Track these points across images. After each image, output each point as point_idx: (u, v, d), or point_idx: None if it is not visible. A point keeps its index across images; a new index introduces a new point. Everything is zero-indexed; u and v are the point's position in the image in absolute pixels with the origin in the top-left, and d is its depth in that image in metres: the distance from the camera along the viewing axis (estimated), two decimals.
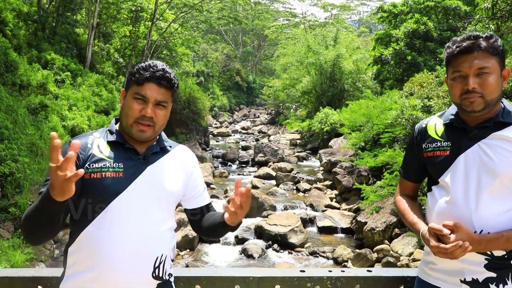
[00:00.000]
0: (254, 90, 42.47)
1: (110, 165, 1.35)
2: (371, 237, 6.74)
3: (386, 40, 14.40)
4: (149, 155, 1.41)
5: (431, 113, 7.55)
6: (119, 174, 1.35)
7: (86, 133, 1.44)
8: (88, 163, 1.33)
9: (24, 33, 11.89)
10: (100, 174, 1.33)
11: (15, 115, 7.31)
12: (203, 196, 1.58)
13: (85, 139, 1.40)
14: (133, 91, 1.38)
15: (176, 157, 1.49)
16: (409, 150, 1.56)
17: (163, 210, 1.42)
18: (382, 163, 6.86)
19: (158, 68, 1.38)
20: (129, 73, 1.43)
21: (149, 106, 1.36)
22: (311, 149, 16.59)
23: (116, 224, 1.32)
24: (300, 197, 10.09)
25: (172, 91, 1.42)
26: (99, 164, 1.34)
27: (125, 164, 1.37)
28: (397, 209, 1.58)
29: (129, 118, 1.37)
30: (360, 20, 62.18)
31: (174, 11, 20.95)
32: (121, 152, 1.39)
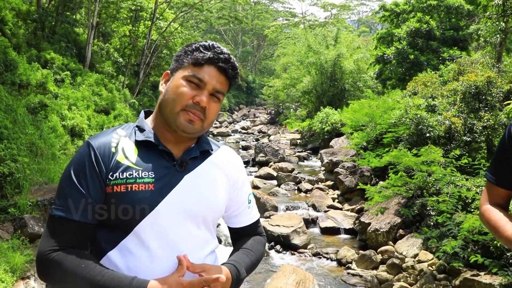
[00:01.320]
0: (253, 90, 42.40)
1: (138, 175, 1.06)
2: (375, 238, 6.66)
3: (388, 39, 14.34)
4: (187, 160, 1.12)
5: (435, 112, 7.48)
6: (149, 187, 1.05)
7: (107, 131, 1.15)
8: (111, 173, 1.06)
9: (23, 32, 11.79)
10: (125, 186, 1.04)
11: (15, 115, 7.22)
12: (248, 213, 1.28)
13: (108, 138, 1.11)
14: (187, 72, 1.10)
15: (218, 161, 1.20)
16: (501, 151, 1.33)
17: (204, 231, 1.14)
18: (387, 163, 6.78)
19: (224, 51, 1.12)
20: (183, 50, 1.15)
21: (205, 93, 1.09)
22: (311, 149, 16.51)
23: (145, 250, 1.04)
24: (302, 197, 10.01)
25: (232, 82, 1.16)
26: (124, 173, 1.06)
27: (157, 172, 1.07)
28: (484, 221, 1.34)
29: (177, 103, 1.08)
30: (359, 20, 62.16)
31: (174, 10, 20.87)
32: (152, 156, 1.10)
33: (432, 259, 5.56)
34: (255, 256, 1.24)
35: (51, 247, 1.01)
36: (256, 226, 1.31)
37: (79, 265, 0.98)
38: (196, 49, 1.12)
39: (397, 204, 6.82)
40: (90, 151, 1.07)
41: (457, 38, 13.92)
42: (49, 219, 1.05)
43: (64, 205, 1.03)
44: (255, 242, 1.28)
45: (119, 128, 1.15)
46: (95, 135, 1.14)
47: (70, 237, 1.03)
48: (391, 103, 9.49)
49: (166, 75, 1.16)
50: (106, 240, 1.07)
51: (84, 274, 0.97)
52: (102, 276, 0.97)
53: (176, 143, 1.13)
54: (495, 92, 6.79)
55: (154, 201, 1.05)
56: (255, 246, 1.27)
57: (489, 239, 4.65)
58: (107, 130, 1.15)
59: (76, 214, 1.02)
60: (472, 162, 6.06)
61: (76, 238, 1.04)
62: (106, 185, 1.05)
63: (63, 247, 1.01)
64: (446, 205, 5.29)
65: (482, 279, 4.50)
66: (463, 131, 6.86)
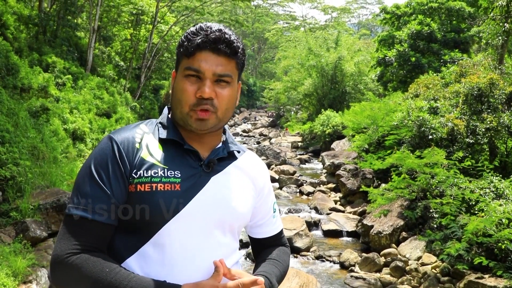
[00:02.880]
0: (254, 93, 42.46)
1: (163, 174, 0.98)
2: (377, 241, 6.62)
3: (389, 42, 14.35)
4: (214, 161, 1.04)
5: (438, 114, 7.47)
6: (175, 187, 0.97)
7: (130, 126, 1.07)
8: (135, 170, 0.97)
9: (25, 36, 11.83)
10: (149, 185, 0.96)
11: (16, 118, 7.22)
12: (273, 223, 1.19)
13: (131, 133, 1.03)
14: (184, 66, 1.00)
15: (245, 166, 1.11)
16: None
17: (230, 239, 1.05)
18: (389, 165, 6.76)
19: (213, 29, 0.99)
20: (177, 45, 1.05)
21: (206, 84, 0.98)
22: (313, 151, 16.50)
23: (168, 257, 0.96)
24: (304, 200, 9.99)
25: (237, 59, 1.02)
26: (148, 171, 0.97)
27: (183, 172, 1.00)
28: None
29: (183, 104, 1.00)
30: (359, 23, 62.30)
31: (175, 14, 20.93)
32: (178, 155, 1.02)
33: (436, 261, 5.52)
34: (283, 267, 1.16)
35: (70, 249, 0.91)
36: (280, 237, 1.22)
37: (103, 270, 0.90)
38: (185, 38, 1.01)
39: (400, 206, 6.80)
40: (113, 146, 0.99)
41: (459, 40, 13.93)
42: (65, 219, 0.96)
43: (84, 204, 0.94)
44: (281, 253, 1.20)
45: (142, 124, 1.07)
46: (117, 130, 1.05)
47: (91, 239, 0.93)
48: (392, 105, 9.48)
49: (173, 75, 1.07)
50: (125, 245, 0.98)
51: (109, 280, 0.89)
52: (129, 281, 0.90)
53: (201, 142, 1.05)
54: (498, 94, 6.78)
55: (181, 203, 0.97)
56: (282, 256, 1.18)
57: (493, 241, 4.62)
58: (130, 125, 1.07)
59: (97, 214, 0.93)
60: (475, 164, 6.03)
61: (97, 241, 0.94)
62: (129, 183, 0.97)
63: (83, 250, 0.92)
64: (450, 207, 5.26)
65: (487, 282, 4.47)
66: (466, 133, 6.84)
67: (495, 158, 6.22)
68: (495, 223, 4.61)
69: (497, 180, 5.63)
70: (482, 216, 4.82)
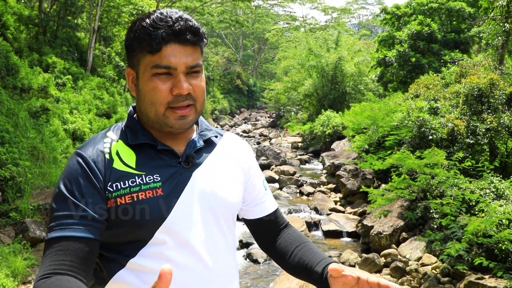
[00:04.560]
0: (254, 93, 42.47)
1: (142, 181, 0.91)
2: (378, 241, 6.62)
3: (389, 42, 14.36)
4: (192, 155, 0.98)
5: (438, 115, 7.46)
6: (157, 192, 0.91)
7: (96, 136, 0.98)
8: (110, 183, 0.91)
9: (25, 37, 11.83)
10: (130, 197, 0.90)
11: (16, 119, 7.22)
12: (266, 200, 1.12)
13: (99, 144, 0.95)
14: (149, 65, 0.91)
15: (226, 151, 1.06)
16: None
17: (225, 233, 1.00)
18: (389, 166, 6.75)
19: (174, 18, 0.90)
20: (130, 38, 0.93)
21: (181, 79, 0.90)
22: (313, 152, 16.49)
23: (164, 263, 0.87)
24: (304, 200, 9.98)
25: (202, 45, 0.95)
26: (125, 182, 0.91)
27: (162, 174, 0.93)
28: None
29: (158, 106, 0.92)
30: (360, 23, 62.31)
31: None
32: (153, 157, 0.95)
33: (436, 262, 5.51)
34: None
35: (42, 274, 0.82)
36: (280, 215, 1.15)
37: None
38: (144, 32, 0.89)
39: (400, 207, 6.79)
40: (82, 161, 0.91)
41: (459, 41, 13.94)
42: (45, 246, 0.87)
43: (59, 225, 0.85)
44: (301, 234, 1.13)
45: (109, 131, 0.99)
46: (84, 143, 0.97)
47: (68, 259, 0.84)
48: (393, 105, 9.48)
49: (130, 73, 0.96)
50: (114, 260, 0.92)
51: None
52: None
53: (175, 138, 0.98)
54: (498, 94, 6.77)
55: (166, 208, 0.91)
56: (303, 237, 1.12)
57: (494, 242, 4.61)
58: (96, 136, 0.98)
59: (73, 231, 0.85)
60: (475, 164, 6.03)
61: (77, 259, 0.84)
62: (107, 198, 0.90)
63: (55, 272, 0.82)
64: (450, 208, 5.25)
65: (487, 283, 4.46)
66: (466, 133, 6.83)
67: (495, 159, 6.21)
68: (495, 224, 4.60)
69: (497, 180, 5.62)
70: (482, 217, 4.82)
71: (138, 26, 0.92)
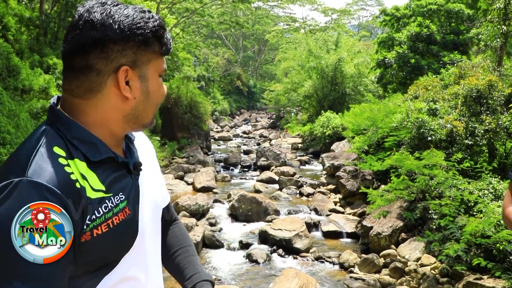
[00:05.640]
0: (254, 95, 42.50)
1: (112, 203, 0.82)
2: (377, 242, 6.65)
3: (389, 44, 14.40)
4: (139, 163, 0.93)
5: (437, 116, 7.50)
6: (126, 212, 0.84)
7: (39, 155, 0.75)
8: (88, 217, 0.78)
9: (26, 38, 11.87)
10: (106, 224, 0.80)
11: (17, 120, 7.26)
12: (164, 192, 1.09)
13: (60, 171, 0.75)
14: (160, 67, 0.88)
15: (141, 148, 1.01)
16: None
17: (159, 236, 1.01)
18: (388, 167, 6.79)
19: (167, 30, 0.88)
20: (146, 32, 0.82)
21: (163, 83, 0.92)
22: (312, 153, 16.52)
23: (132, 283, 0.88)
24: (303, 201, 10.01)
25: None
26: (99, 210, 0.79)
27: (123, 189, 0.85)
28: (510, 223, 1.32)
29: (156, 106, 0.90)
30: (359, 24, 62.38)
31: (176, 16, 20.97)
32: (112, 172, 0.85)
33: (435, 262, 5.55)
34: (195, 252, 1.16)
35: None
36: (171, 208, 1.16)
37: None
38: (161, 35, 0.84)
39: (399, 207, 6.82)
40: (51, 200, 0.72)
41: (458, 42, 13.98)
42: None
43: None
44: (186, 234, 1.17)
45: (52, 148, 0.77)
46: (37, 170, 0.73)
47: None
48: (392, 107, 9.51)
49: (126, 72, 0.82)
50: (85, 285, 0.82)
51: None
52: None
53: (119, 146, 0.90)
54: (497, 95, 6.81)
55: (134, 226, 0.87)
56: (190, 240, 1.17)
57: (492, 242, 4.64)
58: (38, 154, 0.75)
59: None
60: (474, 165, 6.06)
61: None
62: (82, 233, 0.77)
63: None
64: (449, 209, 5.29)
65: (485, 283, 4.49)
66: (465, 134, 6.87)
67: (494, 160, 6.25)
68: (494, 224, 4.64)
69: (496, 181, 5.66)
70: (481, 218, 4.85)
71: (154, 27, 0.82)
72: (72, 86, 0.83)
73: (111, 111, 0.84)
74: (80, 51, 0.80)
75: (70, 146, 0.79)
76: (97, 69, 0.80)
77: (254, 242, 7.19)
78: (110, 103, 0.83)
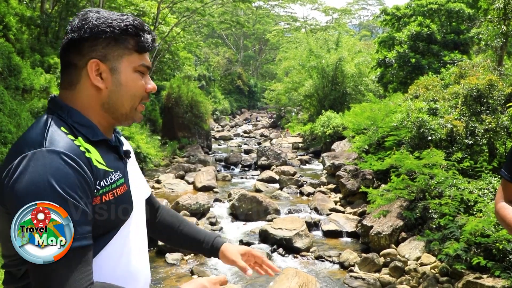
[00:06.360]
0: (255, 94, 42.49)
1: (114, 177, 0.95)
2: (377, 241, 6.66)
3: (389, 43, 14.39)
4: (129, 151, 1.09)
5: (437, 115, 7.50)
6: (125, 187, 0.99)
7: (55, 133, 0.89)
8: (97, 182, 0.91)
9: (27, 38, 11.90)
10: (112, 193, 0.94)
11: (18, 119, 7.28)
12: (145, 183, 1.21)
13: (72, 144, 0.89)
14: (136, 62, 0.98)
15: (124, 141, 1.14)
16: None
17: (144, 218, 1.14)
18: (388, 166, 6.79)
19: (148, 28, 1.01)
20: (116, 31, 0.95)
21: (149, 78, 1.03)
22: (313, 152, 16.53)
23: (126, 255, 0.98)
24: (304, 200, 10.02)
25: None
26: (107, 180, 0.93)
27: (120, 170, 0.99)
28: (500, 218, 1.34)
29: (136, 99, 1.00)
30: (360, 24, 62.31)
31: (176, 15, 20.97)
32: (108, 153, 0.99)
33: (435, 261, 5.56)
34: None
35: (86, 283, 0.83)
36: (154, 197, 1.31)
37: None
38: (135, 33, 0.96)
39: (399, 207, 6.83)
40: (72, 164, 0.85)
41: (458, 42, 13.98)
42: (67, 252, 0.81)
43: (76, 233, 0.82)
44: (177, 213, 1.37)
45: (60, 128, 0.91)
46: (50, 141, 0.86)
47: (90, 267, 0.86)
48: (392, 106, 9.52)
49: (98, 66, 0.95)
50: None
51: None
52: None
53: (109, 133, 1.04)
54: (497, 95, 6.81)
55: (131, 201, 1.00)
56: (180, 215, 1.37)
57: (491, 242, 4.65)
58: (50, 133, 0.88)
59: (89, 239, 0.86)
60: (474, 165, 6.07)
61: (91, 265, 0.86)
62: (93, 196, 0.90)
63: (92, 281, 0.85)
64: (449, 208, 5.30)
65: (485, 282, 4.50)
66: (465, 134, 6.87)
67: (494, 159, 6.26)
68: (493, 224, 4.64)
69: (495, 181, 5.67)
70: (480, 217, 4.86)
71: (130, 26, 0.96)
72: (62, 80, 0.99)
73: (90, 99, 0.97)
74: (64, 50, 0.97)
75: (73, 129, 0.93)
76: (74, 64, 0.96)
77: (255, 241, 7.21)
78: (87, 92, 0.97)
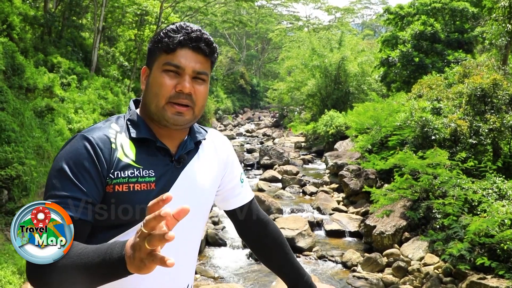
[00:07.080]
0: (258, 93, 42.46)
1: (139, 174, 0.98)
2: (380, 241, 6.64)
3: (392, 42, 14.34)
4: (184, 156, 1.06)
5: (441, 115, 7.47)
6: (151, 186, 0.99)
7: (101, 125, 1.04)
8: (112, 170, 0.96)
9: (30, 37, 11.92)
10: (127, 186, 0.96)
11: (22, 118, 7.30)
12: (244, 191, 1.22)
13: (105, 132, 1.00)
14: (162, 62, 1.01)
15: (209, 148, 1.15)
16: None
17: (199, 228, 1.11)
18: (392, 166, 6.77)
19: (193, 29, 1.02)
20: (153, 41, 1.05)
21: (186, 79, 1.00)
22: (316, 152, 16.50)
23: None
24: (306, 200, 10.01)
25: (212, 59, 1.07)
26: (125, 172, 0.97)
27: (157, 171, 1.01)
28: None
29: (160, 98, 1.00)
30: (363, 23, 62.16)
31: (179, 14, 20.99)
32: (150, 153, 1.02)
33: (438, 262, 5.53)
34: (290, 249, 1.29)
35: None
36: (256, 208, 1.26)
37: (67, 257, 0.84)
38: (165, 35, 1.02)
39: (402, 206, 6.81)
40: (88, 146, 0.95)
41: (462, 41, 13.91)
42: None
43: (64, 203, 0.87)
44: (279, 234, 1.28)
45: (112, 123, 1.04)
46: (89, 129, 1.01)
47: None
48: (396, 106, 9.49)
49: (145, 71, 1.06)
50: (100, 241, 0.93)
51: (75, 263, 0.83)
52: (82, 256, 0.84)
53: (171, 137, 1.06)
54: (501, 94, 6.77)
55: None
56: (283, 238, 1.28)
57: (496, 242, 4.63)
58: (100, 124, 1.03)
59: (74, 211, 0.88)
60: (478, 164, 6.04)
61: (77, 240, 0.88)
62: (106, 183, 0.96)
63: None
64: (452, 208, 5.27)
65: (489, 283, 4.47)
66: (469, 133, 6.84)
67: (498, 159, 6.22)
68: (498, 224, 4.62)
69: (500, 181, 5.63)
70: (485, 217, 4.83)
71: (164, 31, 1.03)
72: None
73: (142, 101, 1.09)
74: None
75: (125, 126, 1.04)
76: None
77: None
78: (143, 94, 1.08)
